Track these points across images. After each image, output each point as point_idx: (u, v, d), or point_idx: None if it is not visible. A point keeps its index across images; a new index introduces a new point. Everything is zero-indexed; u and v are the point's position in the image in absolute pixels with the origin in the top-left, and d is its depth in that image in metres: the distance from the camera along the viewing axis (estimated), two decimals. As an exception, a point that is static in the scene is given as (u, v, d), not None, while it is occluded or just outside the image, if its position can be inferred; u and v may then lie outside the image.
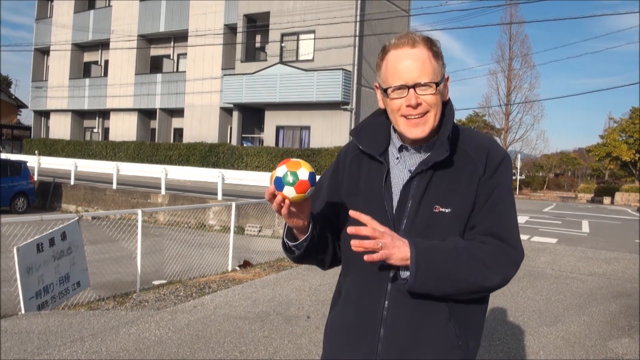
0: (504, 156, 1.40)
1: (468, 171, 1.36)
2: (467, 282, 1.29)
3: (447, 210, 1.33)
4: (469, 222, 1.35)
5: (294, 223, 1.33)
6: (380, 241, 1.23)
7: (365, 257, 1.23)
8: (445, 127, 1.38)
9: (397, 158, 1.42)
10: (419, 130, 1.34)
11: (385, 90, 1.36)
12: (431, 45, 1.35)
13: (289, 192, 1.24)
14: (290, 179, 1.23)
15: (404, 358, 1.34)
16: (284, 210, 1.28)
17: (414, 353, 1.34)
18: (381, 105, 1.44)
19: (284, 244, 1.44)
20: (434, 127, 1.36)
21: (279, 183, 1.24)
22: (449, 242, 1.30)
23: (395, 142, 1.43)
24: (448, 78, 1.41)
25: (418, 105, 1.32)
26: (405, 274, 1.29)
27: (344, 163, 1.50)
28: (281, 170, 1.25)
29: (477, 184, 1.35)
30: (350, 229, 1.25)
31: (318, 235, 1.40)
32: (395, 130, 1.44)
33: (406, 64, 1.32)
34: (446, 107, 1.41)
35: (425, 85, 1.31)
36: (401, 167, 1.41)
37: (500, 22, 36.21)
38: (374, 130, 1.47)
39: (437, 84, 1.33)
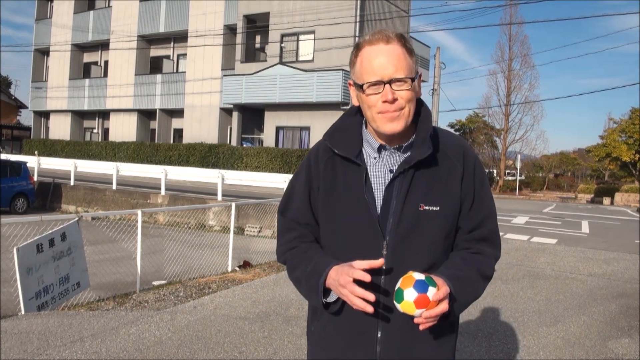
0: (476, 155, 1.48)
1: (448, 170, 1.40)
2: (476, 298, 1.42)
3: (435, 209, 1.36)
4: (459, 222, 1.42)
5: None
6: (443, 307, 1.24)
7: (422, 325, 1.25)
8: (424, 125, 1.40)
9: (375, 158, 1.41)
10: (394, 124, 1.34)
11: (360, 87, 1.35)
12: (405, 42, 1.36)
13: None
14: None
15: (403, 357, 1.37)
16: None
17: (411, 351, 1.37)
18: (355, 103, 1.44)
19: (323, 304, 1.39)
20: (409, 123, 1.36)
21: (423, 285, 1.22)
22: (469, 270, 1.38)
23: (372, 142, 1.42)
24: (421, 75, 1.42)
25: (395, 100, 1.32)
26: None
27: (317, 167, 1.46)
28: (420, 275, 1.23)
29: (460, 185, 1.40)
30: (423, 318, 1.23)
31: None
32: (367, 127, 1.44)
33: (381, 59, 1.32)
34: (422, 106, 1.43)
35: (401, 80, 1.32)
36: (380, 167, 1.41)
37: (500, 22, 36.28)
38: (346, 132, 1.46)
39: (413, 80, 1.34)
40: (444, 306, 1.22)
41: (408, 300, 1.20)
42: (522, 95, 36.26)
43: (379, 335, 1.36)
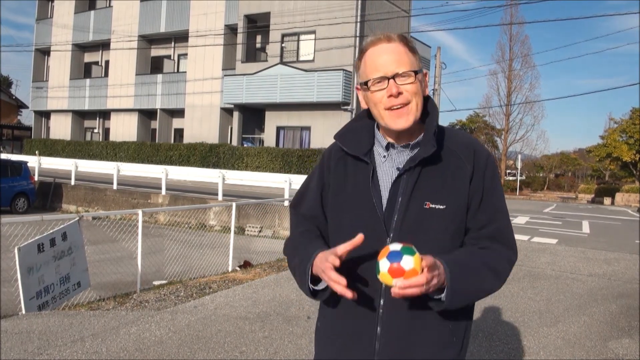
0: (489, 154, 1.45)
1: (456, 169, 1.39)
2: (484, 293, 1.39)
3: (441, 207, 1.35)
4: (467, 222, 1.40)
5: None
6: (426, 285, 1.18)
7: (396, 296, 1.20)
8: (430, 123, 1.40)
9: (384, 157, 1.43)
10: (402, 120, 1.35)
11: (366, 84, 1.37)
12: (407, 41, 1.38)
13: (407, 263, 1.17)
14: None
15: (402, 355, 1.36)
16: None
17: (411, 350, 1.36)
18: (363, 106, 1.46)
19: (310, 290, 1.37)
20: (417, 118, 1.37)
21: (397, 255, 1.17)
22: (474, 258, 1.34)
23: (381, 141, 1.44)
24: (427, 73, 1.43)
25: (399, 94, 1.33)
26: (436, 295, 1.28)
27: (329, 166, 1.49)
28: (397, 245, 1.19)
29: (468, 184, 1.38)
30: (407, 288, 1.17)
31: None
32: (379, 129, 1.45)
33: (384, 57, 1.35)
34: (428, 104, 1.43)
35: (404, 74, 1.33)
36: (389, 165, 1.42)
37: (501, 22, 36.23)
38: (357, 133, 1.48)
39: (416, 73, 1.35)
40: (421, 278, 1.16)
41: (383, 271, 1.17)
42: (523, 95, 36.23)
43: (379, 331, 1.36)
